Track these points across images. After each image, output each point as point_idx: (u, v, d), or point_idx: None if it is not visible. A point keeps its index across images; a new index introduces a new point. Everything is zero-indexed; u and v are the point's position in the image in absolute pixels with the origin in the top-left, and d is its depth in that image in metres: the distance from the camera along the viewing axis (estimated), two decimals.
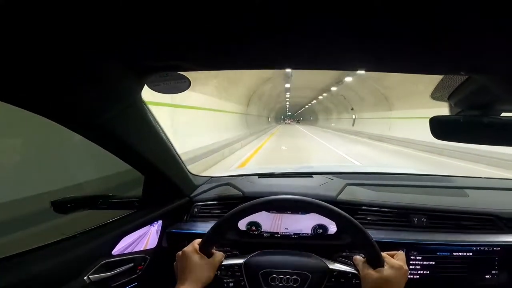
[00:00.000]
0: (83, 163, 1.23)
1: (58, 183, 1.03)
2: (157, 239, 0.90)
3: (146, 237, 0.84)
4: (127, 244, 0.77)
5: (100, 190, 1.13)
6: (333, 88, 18.21)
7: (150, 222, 0.86)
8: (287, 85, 18.56)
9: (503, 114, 0.55)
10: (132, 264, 0.78)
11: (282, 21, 0.33)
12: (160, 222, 0.90)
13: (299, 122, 57.71)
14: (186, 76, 0.60)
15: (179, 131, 5.89)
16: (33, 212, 0.92)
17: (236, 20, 0.33)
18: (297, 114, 63.75)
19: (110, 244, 0.73)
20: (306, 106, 45.90)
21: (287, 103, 38.14)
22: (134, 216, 0.84)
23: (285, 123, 56.00)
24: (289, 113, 62.52)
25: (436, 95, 0.65)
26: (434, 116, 0.58)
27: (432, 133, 0.59)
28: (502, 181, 1.32)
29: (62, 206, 0.81)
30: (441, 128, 0.59)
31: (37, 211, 0.91)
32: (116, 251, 0.74)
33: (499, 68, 0.45)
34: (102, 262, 0.69)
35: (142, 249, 0.83)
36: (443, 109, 0.63)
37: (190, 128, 6.38)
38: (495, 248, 0.85)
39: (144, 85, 0.59)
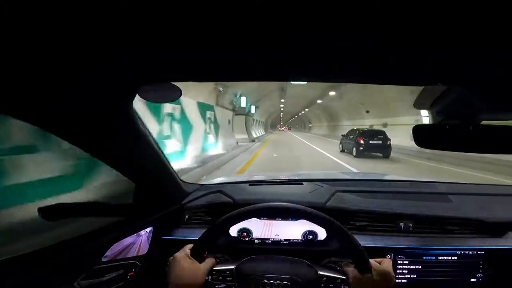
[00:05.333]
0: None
1: None
2: (148, 246, 0.89)
3: (137, 244, 0.84)
4: (117, 251, 0.76)
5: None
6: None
7: (141, 228, 0.86)
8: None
9: (483, 122, 0.58)
10: (122, 271, 0.78)
11: (279, 35, 0.34)
12: (151, 228, 0.90)
13: (290, 129, 75.57)
14: (177, 86, 0.61)
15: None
16: None
17: (231, 33, 0.34)
18: (287, 123, 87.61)
19: (100, 251, 0.72)
20: (291, 119, 75.32)
21: (281, 115, 59.63)
22: (124, 223, 0.83)
23: (279, 130, 65.74)
24: (282, 122, 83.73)
25: (418, 104, 0.68)
26: (417, 125, 0.60)
27: (415, 141, 0.61)
28: (484, 186, 1.37)
29: (50, 212, 0.80)
30: (423, 136, 0.61)
31: None
32: (106, 257, 0.73)
33: (474, 80, 0.48)
34: (92, 268, 0.69)
35: (132, 255, 0.82)
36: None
37: None
38: (479, 252, 0.88)
39: (135, 95, 0.60)
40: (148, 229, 0.89)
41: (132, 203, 0.91)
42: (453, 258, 0.88)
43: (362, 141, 9.96)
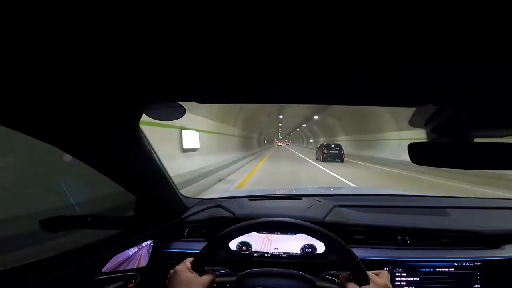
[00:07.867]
0: None
1: None
2: (148, 258, 0.89)
3: (137, 256, 0.84)
4: (117, 263, 0.77)
5: None
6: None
7: (141, 241, 0.86)
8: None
9: (476, 139, 0.60)
10: (122, 282, 0.78)
11: (279, 39, 0.34)
12: (151, 241, 0.90)
13: (288, 144, 79.25)
14: (181, 104, 0.63)
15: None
16: None
17: (230, 35, 0.34)
18: (286, 137, 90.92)
19: (101, 262, 0.73)
20: (289, 134, 78.77)
21: (279, 131, 64.66)
22: (125, 235, 0.84)
23: (277, 145, 64.27)
24: (280, 137, 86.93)
25: (413, 122, 0.70)
26: (412, 142, 0.62)
27: (410, 159, 0.63)
28: (480, 200, 1.38)
29: (51, 224, 0.80)
30: (418, 153, 0.63)
31: None
32: (106, 269, 0.73)
33: (456, 100, 0.51)
34: (92, 280, 0.69)
35: (132, 267, 0.82)
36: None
37: None
38: (476, 264, 0.89)
39: (142, 113, 0.62)
40: (149, 242, 0.89)
41: (133, 216, 0.92)
42: (450, 269, 0.89)
43: (325, 151, 15.08)
